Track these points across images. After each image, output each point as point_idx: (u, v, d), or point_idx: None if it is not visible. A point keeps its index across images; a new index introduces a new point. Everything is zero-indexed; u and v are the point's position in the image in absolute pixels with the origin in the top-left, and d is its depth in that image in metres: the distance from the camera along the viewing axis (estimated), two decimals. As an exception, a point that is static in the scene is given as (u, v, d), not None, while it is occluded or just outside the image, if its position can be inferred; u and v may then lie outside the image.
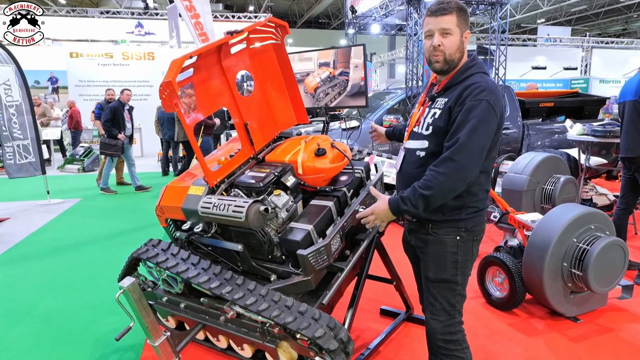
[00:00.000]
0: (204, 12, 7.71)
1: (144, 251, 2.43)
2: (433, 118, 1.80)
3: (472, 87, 1.72)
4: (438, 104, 1.80)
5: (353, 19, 12.11)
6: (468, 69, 1.80)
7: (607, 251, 2.94)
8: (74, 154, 10.70)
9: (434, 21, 1.76)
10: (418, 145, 1.85)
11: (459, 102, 1.72)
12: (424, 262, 1.92)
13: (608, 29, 30.46)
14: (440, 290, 1.88)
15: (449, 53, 1.76)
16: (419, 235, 1.92)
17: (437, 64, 1.79)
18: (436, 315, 1.89)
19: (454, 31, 1.75)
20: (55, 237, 5.30)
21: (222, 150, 2.97)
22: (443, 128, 1.76)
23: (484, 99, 1.69)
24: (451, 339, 1.89)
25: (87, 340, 2.98)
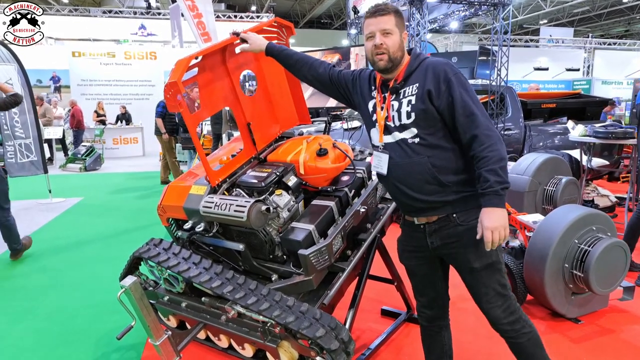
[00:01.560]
0: (206, 12, 7.71)
1: (146, 250, 2.43)
2: (410, 105, 1.81)
3: (439, 66, 1.80)
4: (407, 93, 1.83)
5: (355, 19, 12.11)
6: (418, 57, 1.88)
7: (608, 252, 2.93)
8: (76, 153, 10.73)
9: (374, 22, 1.83)
10: (407, 135, 1.83)
11: (440, 81, 1.77)
12: (462, 256, 1.86)
13: (611, 30, 30.41)
14: (490, 276, 1.85)
15: (392, 51, 1.82)
16: (446, 231, 1.86)
17: (381, 62, 1.83)
18: (493, 303, 1.86)
19: (394, 31, 1.82)
20: (57, 236, 5.31)
21: (223, 149, 2.97)
22: (426, 108, 1.78)
23: (457, 71, 1.80)
24: (515, 319, 1.88)
25: (89, 338, 2.98)
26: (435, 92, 1.77)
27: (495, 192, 1.69)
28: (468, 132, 1.75)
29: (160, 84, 14.24)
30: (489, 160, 1.70)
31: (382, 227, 2.65)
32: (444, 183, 1.80)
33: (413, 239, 1.98)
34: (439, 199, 1.82)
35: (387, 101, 1.89)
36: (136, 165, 11.20)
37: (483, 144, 1.71)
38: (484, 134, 1.72)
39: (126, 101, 13.65)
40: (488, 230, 1.69)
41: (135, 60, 14.03)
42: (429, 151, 1.80)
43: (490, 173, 1.69)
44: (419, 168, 1.81)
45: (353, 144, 3.73)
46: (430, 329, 2.14)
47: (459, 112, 1.75)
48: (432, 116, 1.78)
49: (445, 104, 1.76)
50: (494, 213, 1.69)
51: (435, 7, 10.65)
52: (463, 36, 22.81)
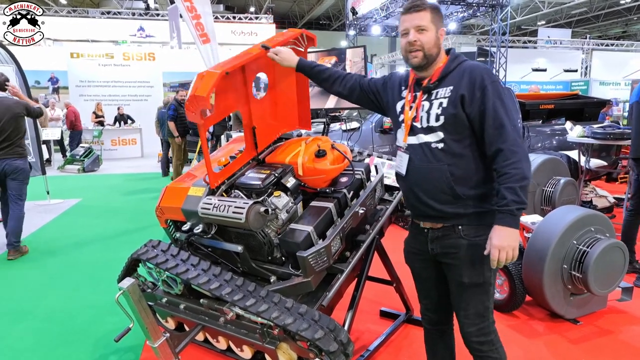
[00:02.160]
0: (204, 13, 7.71)
1: (144, 252, 2.42)
2: (441, 108, 1.76)
3: (477, 71, 1.75)
4: (440, 94, 1.78)
5: (354, 21, 12.13)
6: (456, 58, 1.84)
7: (607, 253, 2.94)
8: (74, 154, 10.71)
9: (409, 18, 1.79)
10: (432, 139, 1.78)
11: (476, 87, 1.72)
12: (455, 268, 1.84)
13: (608, 31, 30.50)
14: (475, 295, 1.83)
15: (427, 48, 1.78)
16: (448, 241, 1.84)
17: (415, 59, 1.80)
18: (470, 320, 1.85)
19: (429, 27, 1.78)
20: (55, 238, 5.30)
21: (222, 151, 2.97)
22: (457, 113, 1.73)
23: (495, 79, 1.74)
24: (485, 340, 1.86)
25: (88, 340, 2.98)
26: (468, 97, 1.72)
27: (510, 212, 1.66)
28: (494, 144, 1.70)
29: (159, 85, 14.25)
30: (510, 177, 1.66)
31: (381, 228, 2.65)
32: (459, 195, 1.76)
33: (417, 242, 1.96)
34: (450, 210, 1.79)
35: (417, 100, 1.85)
36: (135, 166, 11.18)
37: (507, 160, 1.67)
38: (509, 149, 1.67)
39: (125, 102, 13.63)
40: (496, 248, 1.67)
41: (133, 62, 14.02)
42: (450, 159, 1.76)
43: (509, 191, 1.65)
44: (437, 175, 1.77)
45: (352, 145, 3.74)
46: (433, 332, 2.11)
47: (489, 122, 1.70)
48: (461, 122, 1.74)
49: (477, 111, 1.72)
50: (505, 232, 1.66)
51: (434, 8, 10.66)
52: (461, 37, 22.85)
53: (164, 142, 9.60)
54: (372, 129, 6.25)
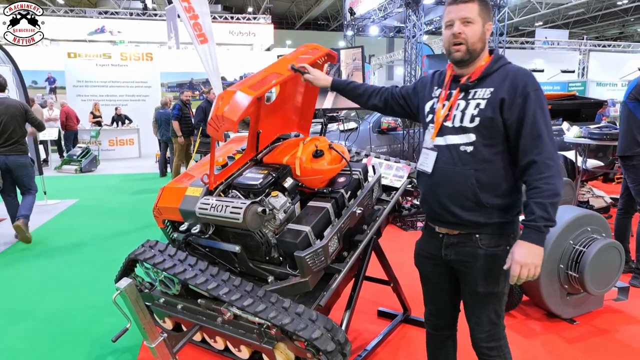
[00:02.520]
0: (202, 13, 7.68)
1: (141, 252, 2.43)
2: (478, 109, 1.68)
3: (520, 76, 1.67)
4: (478, 95, 1.70)
5: (352, 21, 12.13)
6: (500, 59, 1.75)
7: (603, 253, 2.95)
8: (72, 154, 10.68)
9: (455, 9, 1.70)
10: (462, 140, 1.70)
11: (517, 93, 1.64)
12: (470, 277, 1.79)
13: (605, 32, 30.60)
14: (489, 303, 1.80)
15: (472, 42, 1.69)
16: (464, 249, 1.77)
17: (457, 53, 1.71)
18: (482, 326, 1.82)
19: (475, 20, 1.68)
20: (53, 238, 5.29)
21: (220, 151, 2.97)
22: (494, 117, 1.66)
23: (538, 87, 1.66)
24: (495, 346, 1.83)
25: (86, 340, 2.97)
26: (508, 102, 1.65)
27: (538, 228, 1.60)
28: (529, 155, 1.63)
29: (157, 85, 14.23)
30: (541, 192, 1.59)
31: (379, 228, 2.65)
32: (482, 203, 1.69)
33: (431, 246, 1.90)
34: (471, 217, 1.72)
35: (453, 98, 1.77)
36: (132, 166, 11.17)
37: (541, 173, 1.60)
38: (544, 162, 1.60)
39: (122, 102, 13.61)
40: (518, 265, 1.60)
41: (131, 62, 14.00)
42: (477, 164, 1.68)
43: (539, 207, 1.59)
44: (461, 179, 1.70)
45: (349, 145, 3.74)
46: (436, 337, 2.07)
47: (526, 131, 1.63)
48: (496, 127, 1.67)
49: (515, 118, 1.64)
50: (529, 248, 1.60)
51: (432, 9, 10.68)
52: (459, 38, 22.87)
53: (162, 142, 9.59)
54: (370, 129, 6.26)
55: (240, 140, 3.00)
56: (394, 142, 5.89)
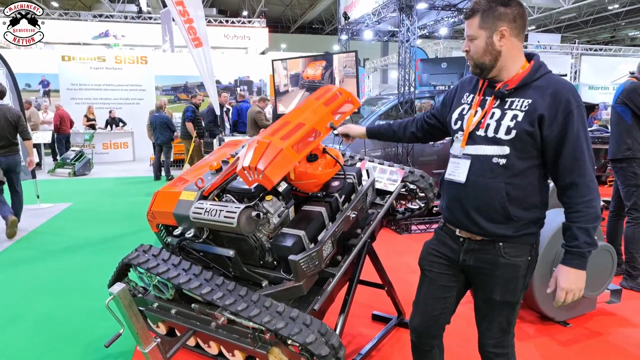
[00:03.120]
0: (197, 17, 7.69)
1: (135, 257, 2.42)
2: (515, 121, 1.61)
3: (564, 92, 1.59)
4: (516, 105, 1.63)
5: (346, 25, 12.18)
6: (541, 67, 1.68)
7: (595, 256, 2.96)
8: (65, 157, 10.62)
9: (465, 26, 1.71)
10: (495, 152, 1.64)
11: (560, 110, 1.57)
12: (487, 284, 1.75)
13: (597, 36, 30.88)
14: (503, 312, 1.77)
15: (476, 58, 1.68)
16: (485, 256, 1.73)
17: (471, 68, 1.74)
18: (492, 333, 1.80)
19: (477, 35, 1.66)
20: (45, 242, 5.26)
21: (214, 155, 2.97)
22: (533, 132, 1.59)
23: (581, 103, 1.60)
24: (501, 352, 1.82)
25: (77, 345, 2.95)
26: (549, 119, 1.57)
27: (582, 254, 1.58)
28: (569, 176, 1.59)
29: (151, 88, 14.20)
30: (584, 216, 1.57)
31: (373, 232, 2.66)
32: (511, 216, 1.64)
33: (446, 247, 1.84)
34: (497, 230, 1.68)
35: (487, 106, 1.70)
36: (126, 170, 11.12)
37: (583, 197, 1.57)
38: (586, 185, 1.57)
39: (116, 106, 13.56)
40: (563, 291, 1.61)
41: (125, 65, 13.96)
42: (509, 177, 1.63)
43: (582, 232, 1.57)
44: (492, 193, 1.65)
45: (343, 149, 3.75)
46: (420, 346, 1.98)
47: (568, 150, 1.57)
48: (534, 142, 1.61)
49: (556, 135, 1.58)
50: (574, 274, 1.60)
51: (425, 13, 10.72)
52: (453, 42, 22.97)
53: (156, 146, 9.57)
54: (364, 133, 6.27)
55: (234, 145, 3.00)
56: (388, 146, 5.90)
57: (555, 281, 1.64)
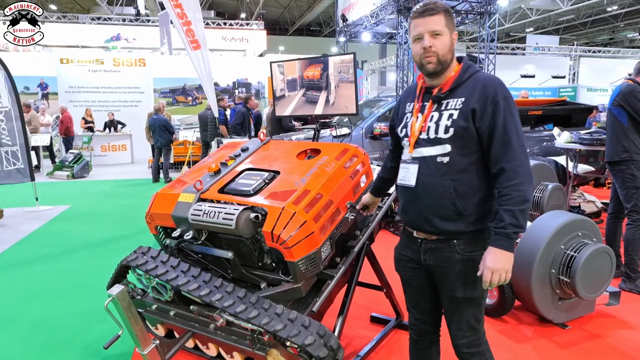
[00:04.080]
0: (195, 20, 7.70)
1: (134, 259, 2.41)
2: (451, 119, 1.71)
3: (491, 85, 1.70)
4: (450, 105, 1.73)
5: (344, 27, 12.21)
6: (469, 68, 1.78)
7: (594, 258, 2.97)
8: (64, 160, 10.61)
9: (422, 22, 1.72)
10: (438, 151, 1.73)
11: (488, 102, 1.68)
12: (448, 282, 1.80)
13: (595, 38, 30.96)
14: (468, 309, 1.81)
15: (442, 54, 1.72)
16: (442, 254, 1.79)
17: (430, 65, 1.73)
18: (462, 332, 1.83)
19: (443, 32, 1.71)
20: (44, 244, 5.25)
21: (213, 157, 2.97)
22: (467, 127, 1.69)
23: (507, 94, 1.70)
24: (476, 351, 1.85)
25: (76, 347, 2.95)
26: (480, 112, 1.68)
27: (507, 235, 1.63)
28: (499, 162, 1.66)
29: (150, 91, 14.21)
30: (510, 199, 1.63)
31: (371, 234, 2.66)
32: (462, 212, 1.71)
33: (409, 250, 1.91)
34: (450, 227, 1.74)
35: (426, 110, 1.79)
36: (125, 172, 11.11)
37: (510, 180, 1.64)
38: (513, 170, 1.64)
39: (115, 108, 13.56)
40: (489, 270, 1.65)
41: (124, 67, 13.95)
42: (455, 174, 1.71)
43: (507, 214, 1.62)
44: (441, 191, 1.72)
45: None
46: (420, 343, 2.04)
47: (497, 138, 1.66)
48: (470, 136, 1.70)
49: (486, 127, 1.68)
50: (499, 255, 1.64)
51: (424, 15, 10.75)
52: (451, 44, 23.04)
53: (155, 148, 9.57)
54: (363, 135, 6.28)
55: (233, 147, 3.00)
56: (386, 148, 5.91)
57: (483, 263, 1.68)
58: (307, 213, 2.16)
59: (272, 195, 2.28)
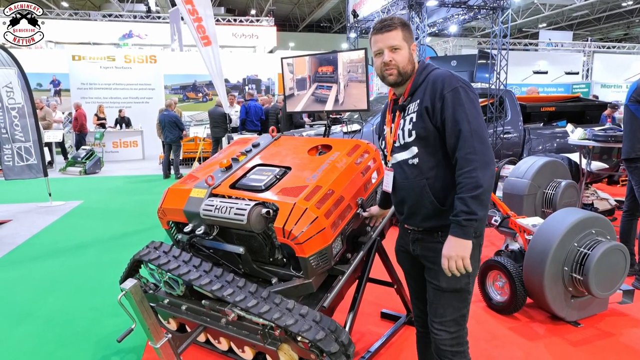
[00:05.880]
0: (206, 16, 7.71)
1: (146, 253, 2.44)
2: (412, 123, 1.80)
3: (438, 81, 1.77)
4: (410, 110, 1.82)
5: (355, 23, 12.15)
6: (424, 70, 1.86)
7: (607, 256, 2.94)
8: (76, 156, 10.72)
9: (381, 38, 1.81)
10: (407, 155, 1.83)
11: (436, 98, 1.74)
12: (434, 272, 1.84)
13: (610, 33, 30.51)
14: (452, 301, 1.83)
15: (402, 66, 1.81)
16: (427, 244, 1.87)
17: (391, 77, 1.83)
18: (446, 327, 1.83)
19: (402, 46, 1.81)
20: (57, 239, 5.32)
21: (223, 153, 2.98)
22: (425, 126, 1.76)
23: (456, 85, 1.74)
24: (458, 350, 1.85)
25: (89, 341, 2.98)
26: (431, 109, 1.75)
27: (458, 222, 1.66)
28: (454, 154, 1.71)
29: (160, 87, 14.29)
30: (462, 187, 1.66)
31: (382, 230, 2.65)
32: (439, 207, 1.78)
33: (403, 241, 2.02)
34: (434, 224, 1.82)
35: (397, 119, 1.88)
36: (136, 168, 11.20)
37: (461, 169, 1.67)
38: (464, 158, 1.67)
39: (126, 105, 13.66)
40: (444, 258, 1.71)
41: (135, 64, 14.05)
42: (427, 172, 1.79)
43: (459, 201, 1.66)
44: (417, 191, 1.81)
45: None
46: (425, 335, 2.05)
47: (448, 131, 1.72)
48: (432, 134, 1.77)
49: (440, 121, 1.74)
50: (454, 242, 1.68)
51: (435, 11, 10.67)
52: (462, 40, 22.85)
53: (166, 144, 9.63)
54: (374, 132, 6.26)
55: (244, 142, 3.01)
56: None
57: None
58: (319, 209, 2.16)
59: (284, 191, 2.28)
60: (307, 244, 2.10)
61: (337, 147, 2.63)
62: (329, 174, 2.34)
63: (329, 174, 2.34)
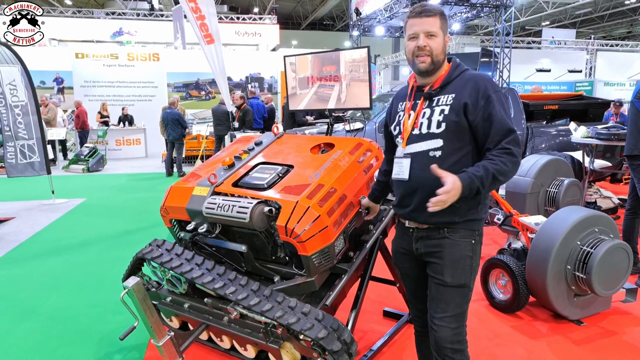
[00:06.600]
0: (209, 14, 7.72)
1: (149, 251, 2.44)
2: (443, 115, 1.78)
3: (481, 81, 1.79)
4: (442, 101, 1.80)
5: (357, 21, 12.14)
6: (458, 67, 1.87)
7: (611, 254, 2.93)
8: (79, 154, 10.75)
9: (419, 22, 1.80)
10: (430, 146, 1.80)
11: (479, 96, 1.75)
12: (438, 268, 1.83)
13: (613, 31, 30.37)
14: (455, 296, 1.82)
15: (436, 54, 1.80)
16: (432, 241, 1.85)
17: (422, 65, 1.81)
18: (447, 322, 1.81)
19: (438, 34, 1.80)
20: (60, 237, 5.33)
21: (226, 151, 2.98)
22: (459, 120, 1.76)
23: (498, 90, 1.79)
24: (459, 348, 1.83)
25: (92, 339, 2.99)
26: (472, 106, 1.75)
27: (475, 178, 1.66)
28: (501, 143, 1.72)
29: (163, 85, 14.31)
30: (495, 163, 1.69)
31: (385, 228, 2.65)
32: (454, 204, 1.70)
33: (404, 242, 1.97)
34: (443, 220, 1.79)
35: (418, 107, 1.86)
36: (139, 166, 11.22)
37: (504, 156, 1.70)
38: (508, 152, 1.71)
39: (129, 102, 13.69)
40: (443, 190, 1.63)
41: (138, 62, 14.07)
42: (446, 168, 1.72)
43: (486, 172, 1.67)
44: (433, 184, 1.71)
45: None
46: (424, 334, 2.04)
47: (495, 129, 1.73)
48: (462, 130, 1.77)
49: (480, 119, 1.74)
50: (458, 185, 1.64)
51: (437, 8, 10.63)
52: (465, 38, 22.76)
53: (168, 142, 9.64)
54: (376, 129, 6.26)
55: (246, 140, 3.01)
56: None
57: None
58: (321, 207, 2.16)
59: (286, 189, 2.28)
60: (309, 242, 2.10)
61: (340, 145, 2.62)
62: (331, 173, 2.34)
63: (332, 173, 2.34)
